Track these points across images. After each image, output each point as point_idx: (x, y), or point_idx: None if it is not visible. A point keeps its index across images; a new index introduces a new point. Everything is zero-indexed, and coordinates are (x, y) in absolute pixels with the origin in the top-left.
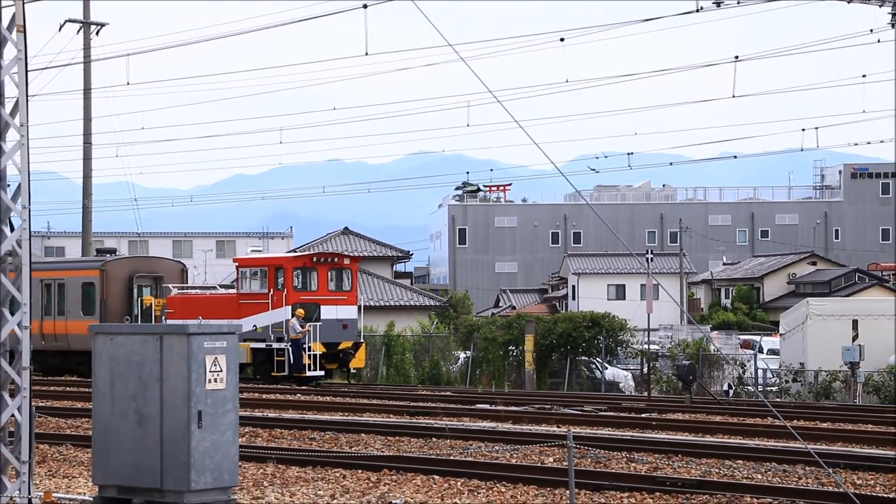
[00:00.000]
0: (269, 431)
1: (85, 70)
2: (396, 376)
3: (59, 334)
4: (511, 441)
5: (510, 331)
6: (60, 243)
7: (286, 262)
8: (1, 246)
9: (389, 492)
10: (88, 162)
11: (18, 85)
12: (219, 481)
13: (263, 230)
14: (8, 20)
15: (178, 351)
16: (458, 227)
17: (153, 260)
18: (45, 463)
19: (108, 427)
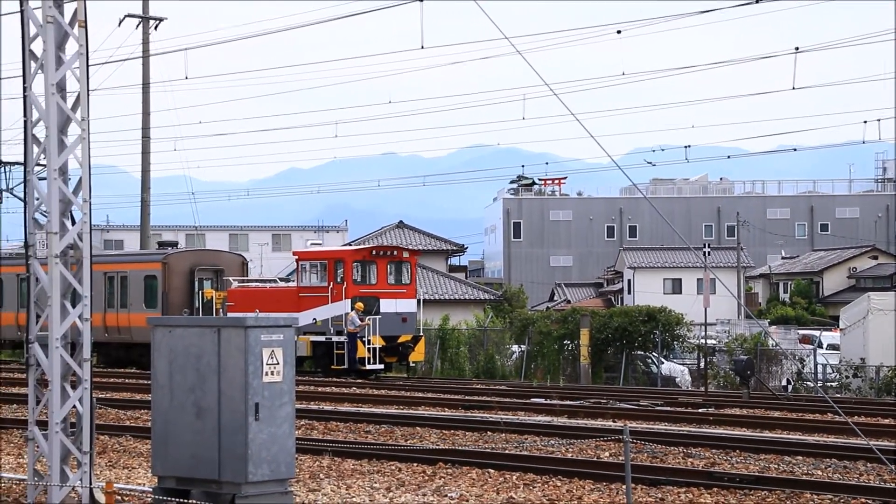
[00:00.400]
0: (325, 424)
1: (144, 64)
2: (451, 370)
3: (121, 327)
4: (566, 435)
5: (565, 325)
6: (119, 236)
7: (346, 255)
8: (63, 239)
9: (445, 485)
10: (147, 156)
11: (79, 79)
12: (276, 473)
13: (318, 223)
14: (70, 16)
15: (236, 344)
16: (513, 221)
17: (214, 253)
18: (105, 454)
19: (167, 419)
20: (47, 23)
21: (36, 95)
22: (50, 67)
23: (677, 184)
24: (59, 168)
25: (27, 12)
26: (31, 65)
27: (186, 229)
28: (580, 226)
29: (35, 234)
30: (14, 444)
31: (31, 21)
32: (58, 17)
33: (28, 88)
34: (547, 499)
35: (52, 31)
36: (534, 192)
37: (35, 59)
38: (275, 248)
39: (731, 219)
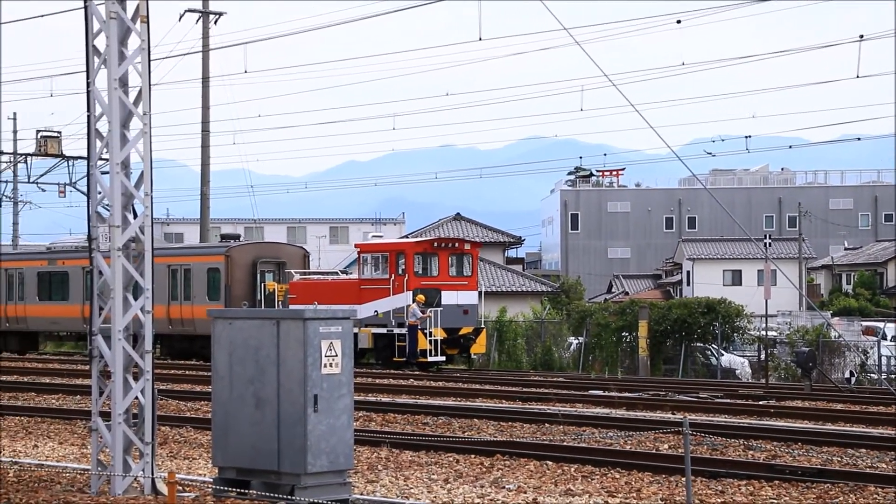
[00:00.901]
0: (383, 416)
1: (203, 59)
2: (508, 362)
3: (185, 319)
4: (625, 427)
5: (623, 317)
6: (179, 230)
7: (407, 247)
8: (125, 233)
9: (503, 477)
10: (206, 149)
11: (141, 74)
12: (334, 464)
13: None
14: (132, 11)
15: (295, 335)
16: (571, 213)
17: (276, 246)
18: (166, 445)
19: (227, 410)
20: (110, 19)
21: (99, 90)
22: (113, 63)
23: (737, 174)
24: (122, 162)
25: (90, 9)
26: (95, 60)
27: (245, 222)
28: (638, 217)
29: (98, 228)
30: (78, 435)
31: (94, 17)
32: (120, 13)
33: (91, 84)
34: (605, 491)
35: (115, 26)
36: (591, 183)
37: (98, 54)
38: (332, 241)
39: (793, 209)
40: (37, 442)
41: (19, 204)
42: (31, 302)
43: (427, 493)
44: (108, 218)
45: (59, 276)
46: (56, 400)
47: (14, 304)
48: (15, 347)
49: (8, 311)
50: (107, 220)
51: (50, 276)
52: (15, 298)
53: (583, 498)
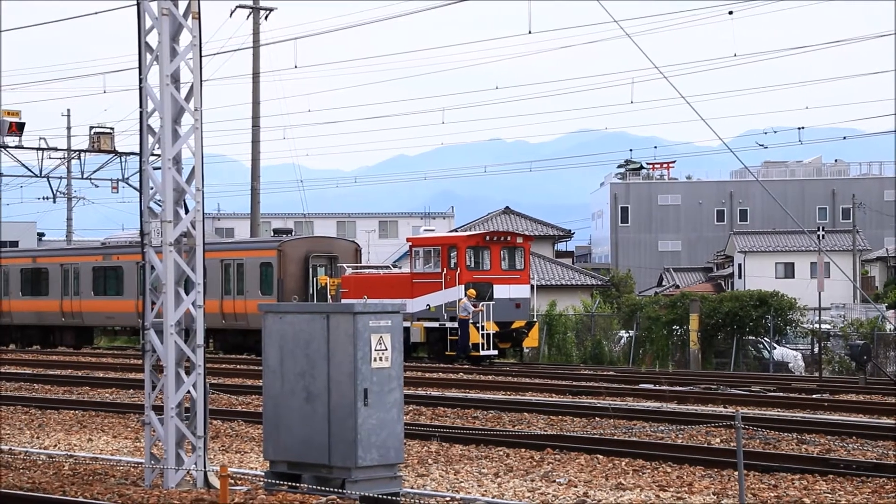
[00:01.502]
0: (433, 410)
1: (254, 54)
2: (558, 355)
3: (238, 313)
4: (676, 421)
5: (674, 310)
6: (230, 224)
7: (459, 241)
8: (176, 227)
9: (553, 470)
10: (257, 144)
11: (193, 70)
12: (385, 458)
13: (425, 210)
14: (184, 8)
15: (345, 329)
16: (621, 206)
17: (328, 240)
18: (218, 438)
19: (278, 404)
20: (162, 15)
21: (151, 87)
22: (165, 59)
23: (790, 166)
24: (173, 158)
25: (143, 6)
26: (147, 57)
27: (295, 217)
28: (689, 210)
29: (150, 223)
30: (131, 429)
31: (146, 14)
32: (172, 9)
33: (144, 80)
34: (657, 485)
35: (167, 23)
36: (642, 176)
37: (150, 51)
38: (381, 235)
39: (847, 201)
40: (91, 435)
41: (73, 200)
42: (86, 297)
43: (477, 487)
44: (160, 213)
45: (114, 271)
46: (110, 394)
47: (70, 298)
48: (71, 342)
49: (64, 306)
50: (159, 215)
51: (105, 271)
52: (70, 293)
53: (634, 492)
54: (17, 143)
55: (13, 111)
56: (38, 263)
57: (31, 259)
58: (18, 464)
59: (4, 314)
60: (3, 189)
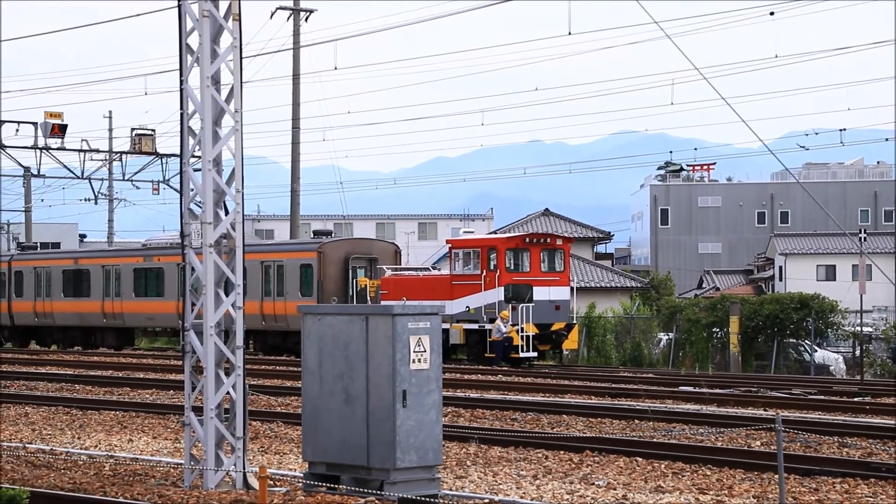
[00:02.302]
0: (472, 411)
1: (294, 56)
2: (597, 358)
3: (277, 315)
4: (716, 424)
5: (714, 312)
6: (270, 226)
7: (499, 242)
8: (216, 229)
9: (592, 473)
10: (297, 146)
11: (233, 72)
12: (423, 460)
13: (464, 212)
14: (224, 10)
15: (384, 331)
16: (661, 208)
17: (368, 242)
18: (257, 439)
19: (317, 405)
20: (203, 17)
21: (192, 88)
22: (205, 61)
23: (831, 168)
24: (214, 159)
25: (184, 7)
26: (188, 58)
27: (335, 218)
28: (729, 212)
29: (190, 225)
30: (171, 430)
31: (187, 16)
32: (213, 11)
33: (184, 82)
34: (696, 488)
35: (208, 25)
36: (682, 178)
37: (191, 52)
38: (421, 237)
39: (889, 203)
40: (131, 436)
41: (114, 201)
42: (127, 298)
43: (516, 489)
44: (200, 215)
45: (155, 272)
46: (150, 395)
47: (111, 300)
48: (112, 343)
49: (105, 307)
50: (199, 216)
51: (146, 272)
52: (112, 295)
53: (673, 495)
54: (60, 145)
55: (56, 113)
56: (79, 265)
57: (72, 260)
58: (60, 464)
59: (47, 315)
60: (46, 191)
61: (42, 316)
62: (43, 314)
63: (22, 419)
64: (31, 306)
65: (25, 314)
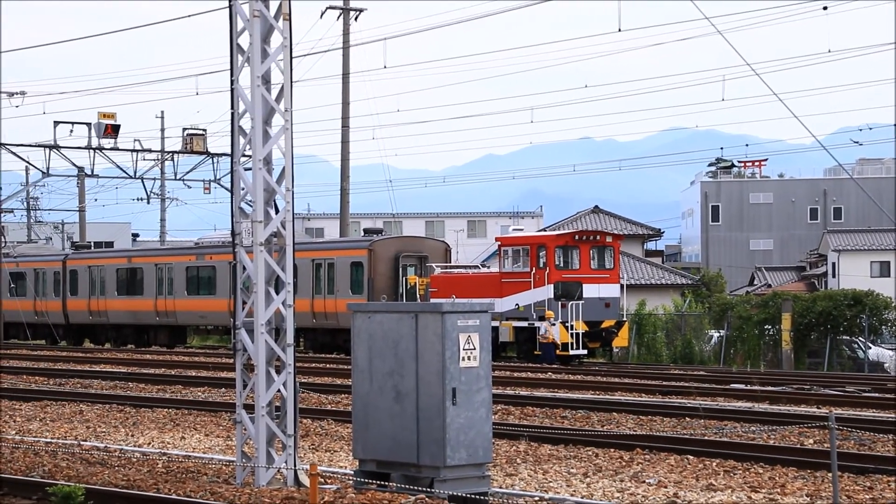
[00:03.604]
0: (521, 409)
1: (344, 55)
2: (648, 355)
3: (328, 312)
4: (768, 422)
5: (766, 309)
6: (320, 224)
7: (548, 240)
8: (267, 228)
9: (643, 471)
10: (346, 145)
11: (283, 71)
12: (473, 457)
13: (514, 209)
14: (275, 9)
15: (433, 329)
16: (711, 204)
17: (418, 240)
18: (308, 437)
19: (367, 403)
20: (254, 17)
21: (242, 88)
22: (256, 60)
23: (885, 163)
24: (264, 158)
25: (235, 8)
26: (238, 58)
27: (384, 216)
28: (781, 208)
29: (241, 223)
30: (223, 427)
31: (238, 16)
32: (264, 11)
33: (235, 81)
34: (748, 486)
35: (258, 25)
36: (733, 174)
37: (242, 52)
38: (470, 235)
39: None
40: (184, 433)
41: (166, 201)
42: (179, 296)
43: (566, 487)
44: (250, 213)
45: (207, 270)
46: (202, 392)
47: (164, 298)
48: (164, 341)
49: (158, 306)
50: (250, 215)
51: (197, 270)
52: (164, 293)
53: (725, 493)
54: (113, 145)
55: (109, 113)
56: (132, 263)
57: (126, 259)
58: (114, 461)
59: (101, 314)
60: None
61: (96, 314)
62: (97, 313)
63: (77, 416)
64: (86, 305)
65: (80, 312)
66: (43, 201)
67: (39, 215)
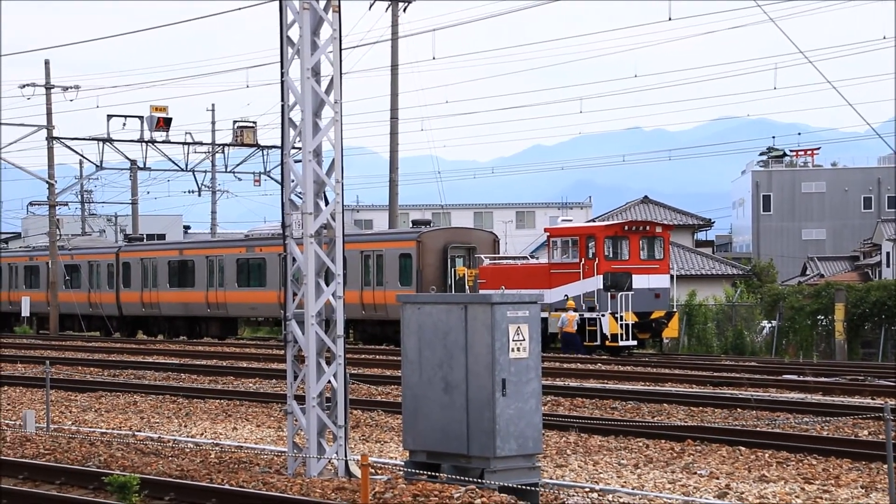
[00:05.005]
0: (571, 400)
1: (392, 47)
2: (698, 346)
3: (377, 304)
4: (821, 413)
5: (819, 299)
6: (369, 216)
7: (598, 230)
8: (317, 219)
9: (694, 462)
10: (395, 136)
11: (333, 63)
12: (523, 448)
13: (562, 200)
14: (324, 2)
15: (482, 320)
16: (763, 194)
17: (466, 231)
18: (358, 428)
19: (417, 394)
20: (303, 9)
21: (292, 80)
22: (305, 52)
23: None
24: (314, 150)
25: (285, 1)
26: (288, 51)
27: (433, 208)
28: (834, 198)
29: (291, 215)
30: (274, 418)
31: (288, 9)
32: (313, 3)
33: (285, 74)
34: (802, 478)
35: (308, 17)
36: (785, 163)
37: (292, 45)
38: (518, 226)
39: None
40: (236, 424)
41: (217, 193)
42: (230, 288)
43: (617, 478)
44: (300, 205)
45: (257, 262)
46: (253, 384)
47: (215, 290)
48: (216, 333)
49: (209, 298)
50: (300, 207)
51: (248, 262)
52: (215, 285)
53: (778, 484)
54: (165, 138)
55: (161, 107)
56: (184, 256)
57: (178, 252)
58: (167, 451)
59: (153, 305)
60: (152, 183)
61: (149, 306)
62: (150, 304)
63: (131, 407)
64: (139, 297)
65: (133, 304)
66: (97, 194)
67: (93, 208)
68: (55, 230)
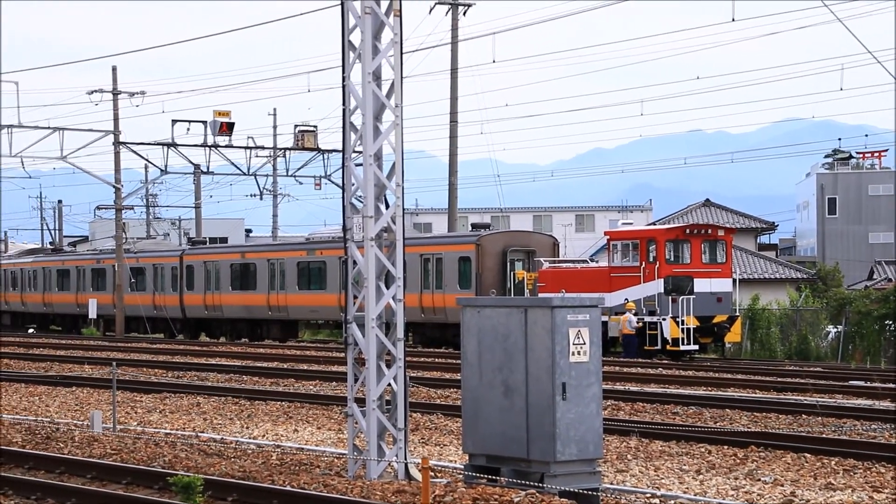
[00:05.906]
0: (632, 405)
1: (452, 50)
2: (761, 351)
3: (437, 307)
4: (891, 420)
5: (887, 304)
6: (428, 219)
7: (659, 234)
8: (377, 223)
9: (757, 468)
10: (454, 140)
11: (394, 67)
12: (583, 453)
13: (622, 203)
14: (386, 6)
15: (542, 324)
16: (828, 197)
17: (525, 234)
18: (417, 431)
19: (476, 397)
20: (365, 14)
21: (353, 84)
22: (367, 57)
23: None
24: (375, 154)
25: (347, 5)
26: (350, 55)
27: (492, 211)
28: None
29: (352, 219)
30: (334, 420)
31: (350, 13)
32: (375, 8)
33: (346, 78)
34: (870, 486)
35: (369, 21)
36: (851, 165)
37: (353, 49)
38: (578, 229)
39: None
40: (297, 426)
41: (278, 197)
42: (291, 291)
43: (678, 484)
44: (361, 209)
45: (318, 265)
46: (314, 386)
47: (276, 293)
48: (277, 335)
49: (270, 300)
50: (360, 210)
51: (308, 265)
52: (276, 288)
53: (845, 493)
54: (228, 143)
55: (224, 111)
56: (246, 259)
57: (240, 255)
58: (230, 452)
59: (216, 308)
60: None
61: (211, 309)
62: (212, 307)
63: (194, 409)
64: (202, 299)
65: (196, 307)
66: (161, 198)
67: (158, 212)
68: (121, 234)
